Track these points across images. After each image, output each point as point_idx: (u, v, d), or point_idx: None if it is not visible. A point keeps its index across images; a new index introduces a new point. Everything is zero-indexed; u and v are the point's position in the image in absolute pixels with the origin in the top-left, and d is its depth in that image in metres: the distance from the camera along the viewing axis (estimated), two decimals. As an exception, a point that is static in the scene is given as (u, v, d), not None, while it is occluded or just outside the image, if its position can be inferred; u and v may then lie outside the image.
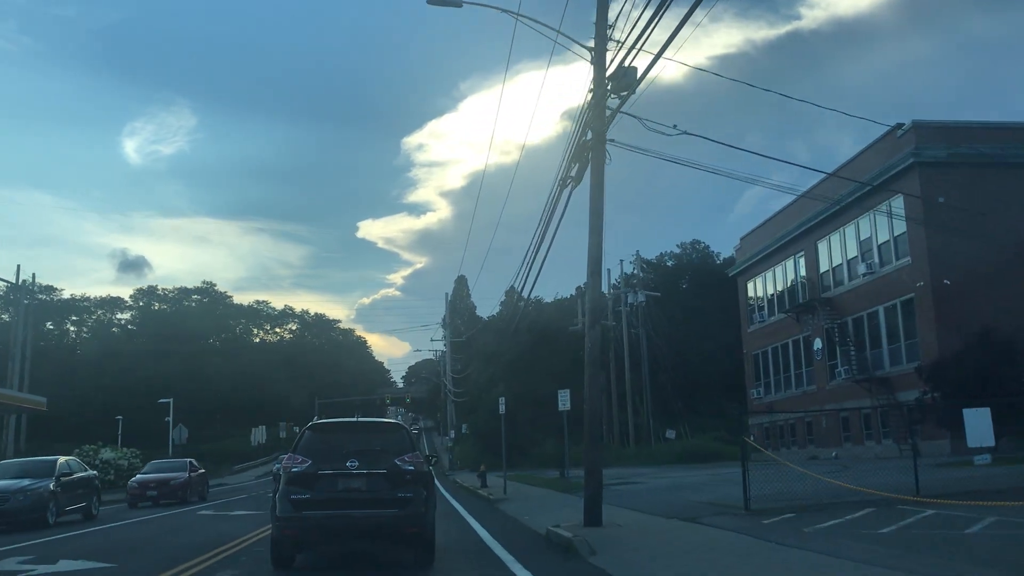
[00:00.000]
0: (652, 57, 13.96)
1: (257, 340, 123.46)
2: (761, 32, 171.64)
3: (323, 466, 10.79)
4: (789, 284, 44.41)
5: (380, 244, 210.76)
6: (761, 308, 47.70)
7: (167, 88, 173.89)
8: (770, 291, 46.67)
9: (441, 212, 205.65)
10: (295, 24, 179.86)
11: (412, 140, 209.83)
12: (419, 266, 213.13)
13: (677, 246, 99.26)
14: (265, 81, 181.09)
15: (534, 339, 36.82)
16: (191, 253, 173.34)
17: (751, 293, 49.08)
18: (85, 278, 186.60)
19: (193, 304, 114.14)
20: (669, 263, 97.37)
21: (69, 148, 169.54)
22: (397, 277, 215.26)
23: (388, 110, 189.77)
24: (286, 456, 11.40)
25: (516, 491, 29.62)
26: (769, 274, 46.58)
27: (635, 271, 67.09)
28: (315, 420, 14.39)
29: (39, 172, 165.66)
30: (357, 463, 10.80)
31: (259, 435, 79.69)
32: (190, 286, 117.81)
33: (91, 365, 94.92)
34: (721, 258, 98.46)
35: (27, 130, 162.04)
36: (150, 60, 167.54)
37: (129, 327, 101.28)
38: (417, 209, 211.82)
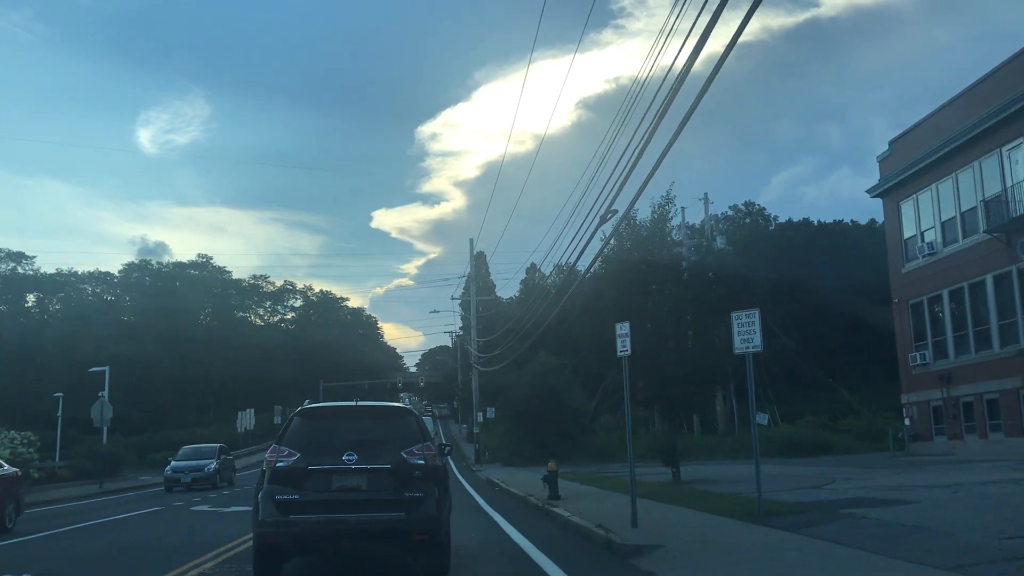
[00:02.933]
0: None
1: (257, 320, 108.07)
2: (779, 20, 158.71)
3: (314, 460, 8.73)
4: (986, 195, 28.62)
5: (394, 234, 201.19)
6: (928, 237, 31.91)
7: (182, 77, 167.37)
8: (946, 210, 30.87)
9: (455, 202, 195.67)
10: (310, 13, 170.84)
11: (426, 129, 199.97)
12: (433, 256, 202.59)
13: (729, 208, 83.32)
14: (279, 71, 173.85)
15: (626, 272, 20.86)
16: (206, 242, 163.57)
17: (909, 217, 33.23)
18: (104, 267, 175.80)
19: (188, 278, 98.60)
20: (720, 227, 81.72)
21: (84, 137, 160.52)
22: (411, 267, 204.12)
23: (402, 99, 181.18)
24: (270, 448, 9.09)
25: (652, 519, 14.04)
26: (945, 185, 30.77)
27: (706, 220, 51.45)
28: (306, 403, 11.99)
29: (54, 161, 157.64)
30: (356, 456, 8.74)
31: (246, 420, 64.27)
32: (185, 260, 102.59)
33: (64, 341, 79.50)
34: (776, 222, 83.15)
35: (42, 118, 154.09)
36: (165, 48, 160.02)
37: (107, 297, 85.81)
38: (431, 199, 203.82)
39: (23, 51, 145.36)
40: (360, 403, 10.01)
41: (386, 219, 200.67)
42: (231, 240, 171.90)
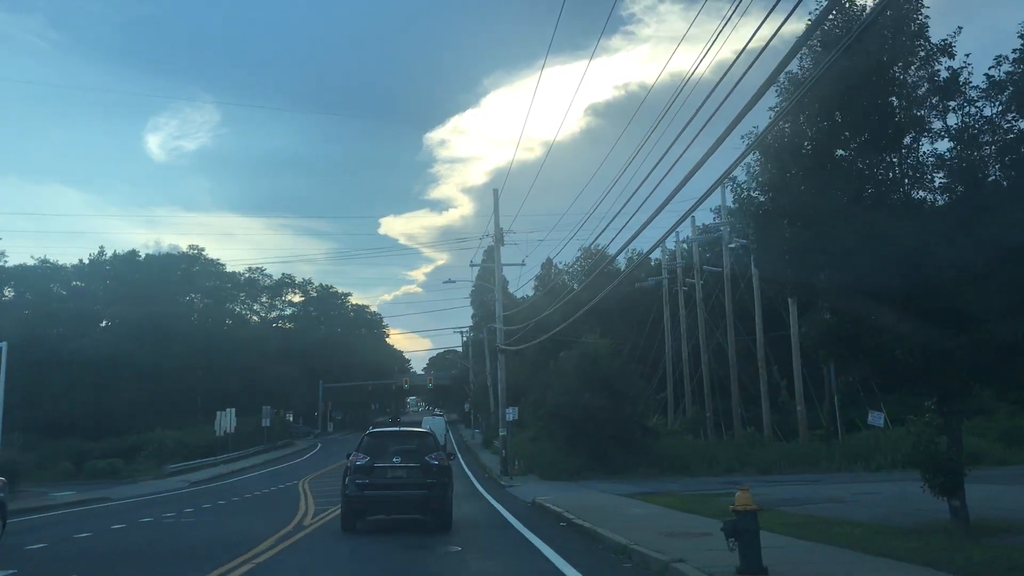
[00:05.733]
0: None
1: (253, 317, 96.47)
2: (789, 26, 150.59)
3: (377, 460, 14.88)
4: None
5: (402, 240, 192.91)
6: None
7: (191, 83, 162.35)
8: None
9: (463, 209, 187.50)
10: (319, 20, 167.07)
11: (435, 136, 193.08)
12: (441, 263, 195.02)
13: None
14: (289, 77, 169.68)
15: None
16: (214, 248, 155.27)
17: None
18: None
19: (177, 270, 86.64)
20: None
21: (94, 142, 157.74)
22: (419, 274, 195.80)
23: (411, 105, 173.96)
24: (351, 453, 15.30)
25: None
26: None
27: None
28: (371, 429, 17.39)
29: (64, 166, 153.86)
30: (400, 459, 14.93)
31: (226, 422, 52.64)
32: (175, 252, 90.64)
33: (26, 336, 67.51)
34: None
35: (53, 124, 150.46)
36: (175, 55, 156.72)
37: (74, 283, 74.12)
38: (439, 206, 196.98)
39: (35, 58, 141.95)
40: (402, 428, 18.05)
41: (394, 225, 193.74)
42: (239, 246, 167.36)
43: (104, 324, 71.19)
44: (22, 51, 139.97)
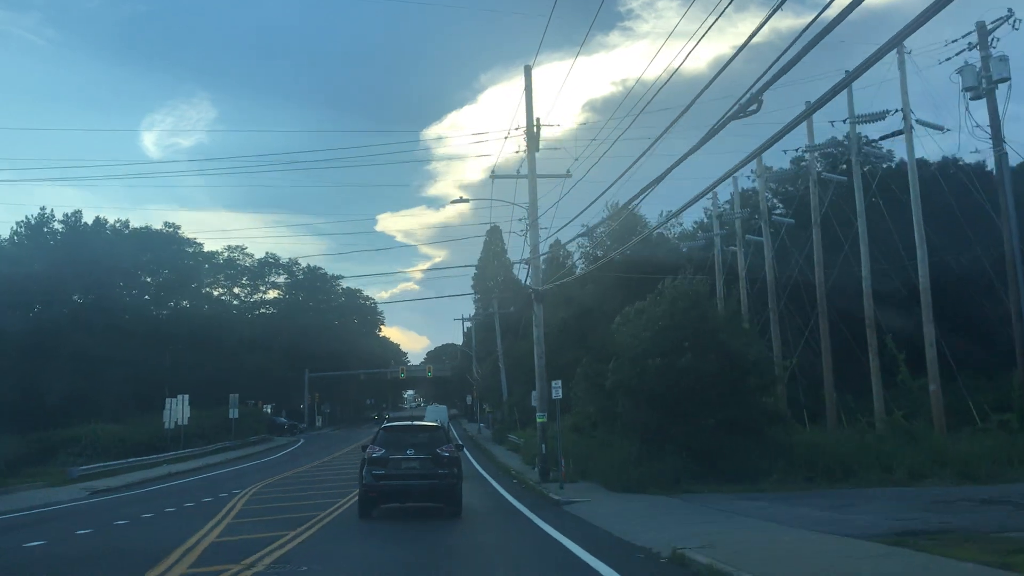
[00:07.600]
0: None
1: (233, 300, 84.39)
2: (786, 21, 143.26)
3: (392, 452, 15.50)
4: None
5: (399, 238, 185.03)
6: None
7: (187, 80, 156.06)
8: None
9: (460, 206, 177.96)
10: (315, 17, 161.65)
11: (431, 132, 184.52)
12: (438, 260, 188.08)
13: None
14: (285, 74, 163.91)
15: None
16: (210, 246, 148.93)
17: None
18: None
19: (143, 246, 73.67)
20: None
21: (89, 140, 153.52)
22: (416, 271, 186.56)
23: (408, 102, 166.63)
24: (368, 446, 15.92)
25: None
26: None
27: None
28: (384, 424, 18.08)
29: (59, 164, 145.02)
30: (413, 451, 15.50)
31: (177, 412, 40.76)
32: (140, 226, 76.98)
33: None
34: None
35: (48, 122, 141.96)
36: (171, 52, 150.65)
37: (15, 246, 61.99)
38: (436, 202, 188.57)
39: (30, 55, 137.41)
40: (415, 423, 18.48)
41: (390, 223, 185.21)
42: (234, 243, 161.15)
43: (39, 303, 59.12)
44: (18, 48, 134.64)
